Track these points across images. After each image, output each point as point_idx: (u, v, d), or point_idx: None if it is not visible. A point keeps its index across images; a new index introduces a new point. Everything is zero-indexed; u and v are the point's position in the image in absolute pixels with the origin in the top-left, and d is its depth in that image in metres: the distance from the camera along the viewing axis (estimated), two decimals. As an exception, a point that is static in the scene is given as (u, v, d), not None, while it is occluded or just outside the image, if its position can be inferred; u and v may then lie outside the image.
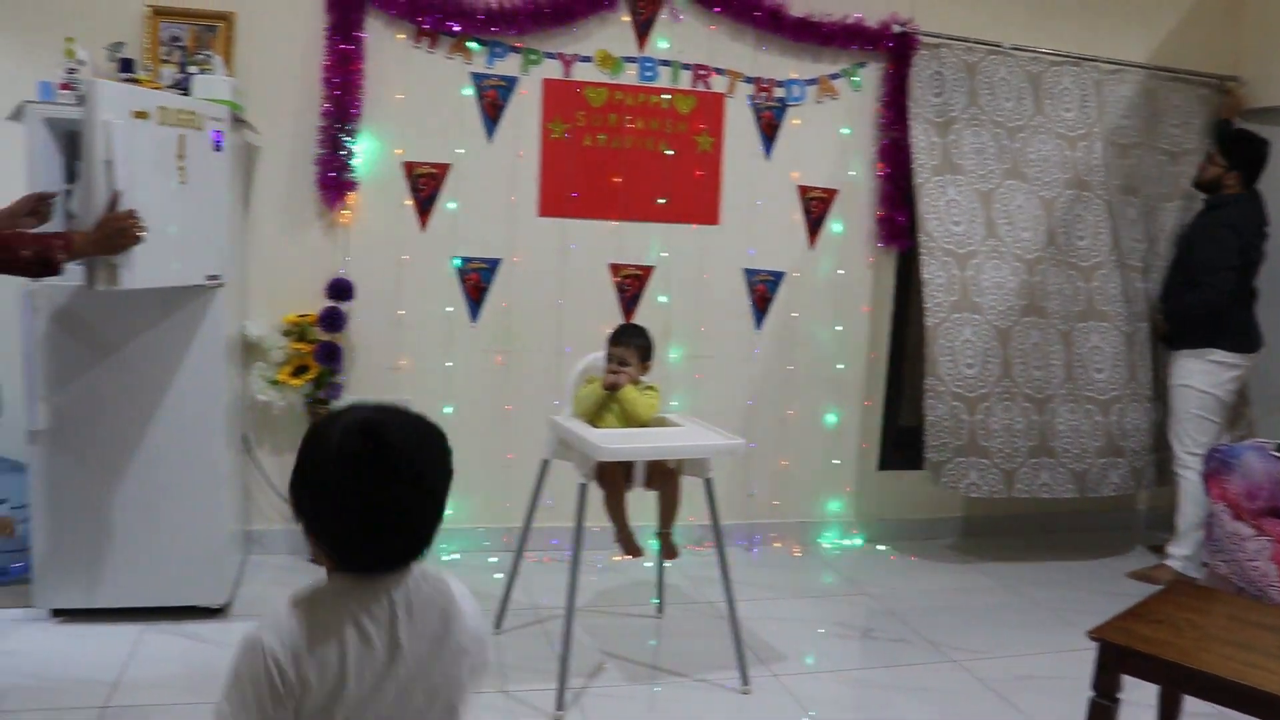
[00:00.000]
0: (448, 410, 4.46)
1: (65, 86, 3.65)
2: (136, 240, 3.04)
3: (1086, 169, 4.87)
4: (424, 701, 1.60)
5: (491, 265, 4.46)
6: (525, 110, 4.42)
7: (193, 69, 3.86)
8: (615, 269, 4.56)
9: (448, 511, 1.71)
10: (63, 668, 3.33)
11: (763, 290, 4.72)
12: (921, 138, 4.66)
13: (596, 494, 3.49)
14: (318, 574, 1.69)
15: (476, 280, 4.46)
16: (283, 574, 4.27)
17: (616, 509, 3.58)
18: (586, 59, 4.44)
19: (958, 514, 5.18)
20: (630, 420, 3.52)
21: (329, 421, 1.60)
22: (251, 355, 4.25)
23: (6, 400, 3.90)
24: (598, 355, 3.71)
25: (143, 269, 3.14)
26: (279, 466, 4.39)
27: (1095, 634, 2.59)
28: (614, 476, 3.51)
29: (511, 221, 4.46)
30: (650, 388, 3.58)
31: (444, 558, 4.48)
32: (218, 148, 3.56)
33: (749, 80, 4.62)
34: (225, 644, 3.53)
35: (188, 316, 3.62)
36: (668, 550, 3.64)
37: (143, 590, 3.72)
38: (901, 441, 5.08)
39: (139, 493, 3.68)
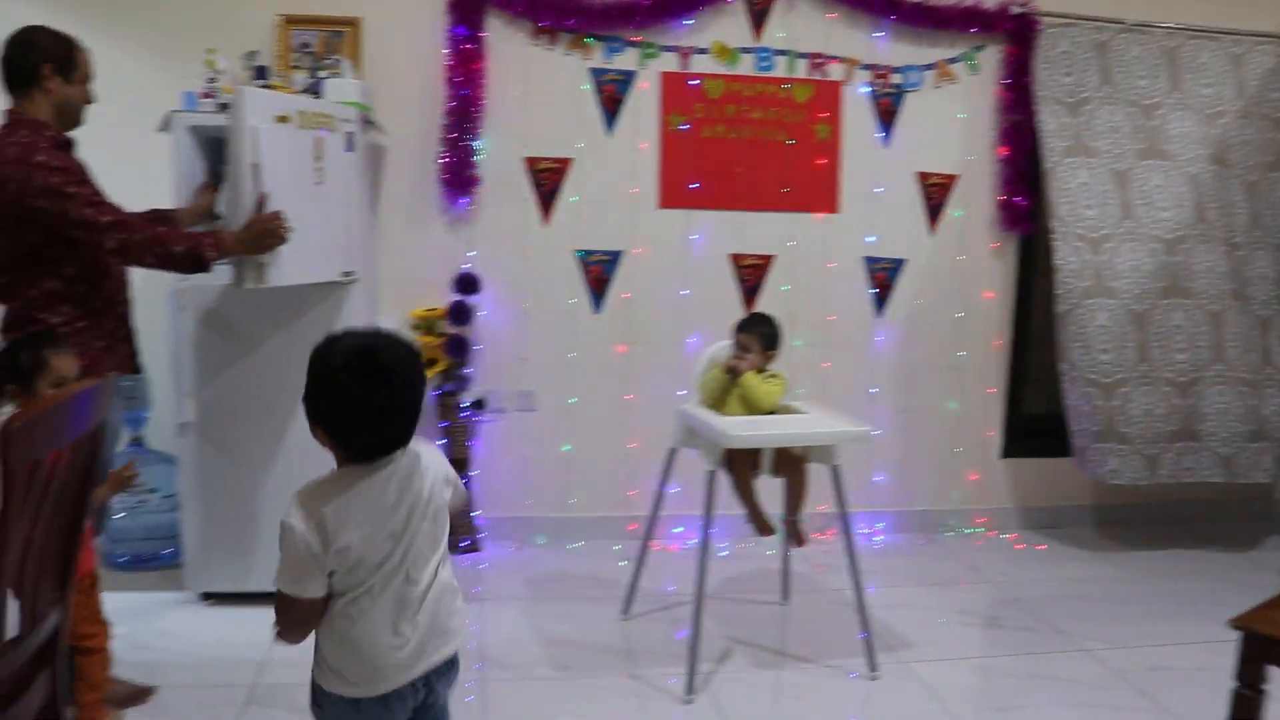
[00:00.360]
0: (572, 401, 4.55)
1: (206, 95, 3.85)
2: (283, 240, 3.18)
3: (1226, 146, 4.71)
4: (428, 529, 2.07)
5: (613, 257, 4.54)
6: (644, 103, 4.48)
7: (322, 73, 4.00)
8: (736, 259, 4.59)
9: (574, 500, 1.86)
10: (213, 648, 3.49)
11: (883, 278, 4.70)
12: (1050, 120, 4.57)
13: (724, 482, 3.52)
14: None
15: (599, 272, 4.54)
16: (415, 561, 4.39)
17: (745, 490, 3.60)
18: (703, 51, 4.47)
19: (1086, 502, 5.08)
20: (752, 408, 3.55)
21: (329, 346, 2.01)
22: (382, 349, 4.39)
23: (156, 395, 4.13)
24: (724, 344, 3.74)
25: (288, 267, 3.28)
26: (410, 457, 4.53)
27: (1238, 623, 2.52)
28: (741, 464, 3.55)
29: (633, 214, 4.52)
30: (774, 376, 3.60)
31: (569, 546, 4.58)
32: (349, 148, 3.70)
33: (866, 67, 4.60)
34: (364, 628, 3.68)
35: (324, 312, 3.75)
36: (795, 537, 3.66)
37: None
38: (1026, 429, 5.01)
39: (280, 482, 3.83)
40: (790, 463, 3.57)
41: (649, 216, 4.53)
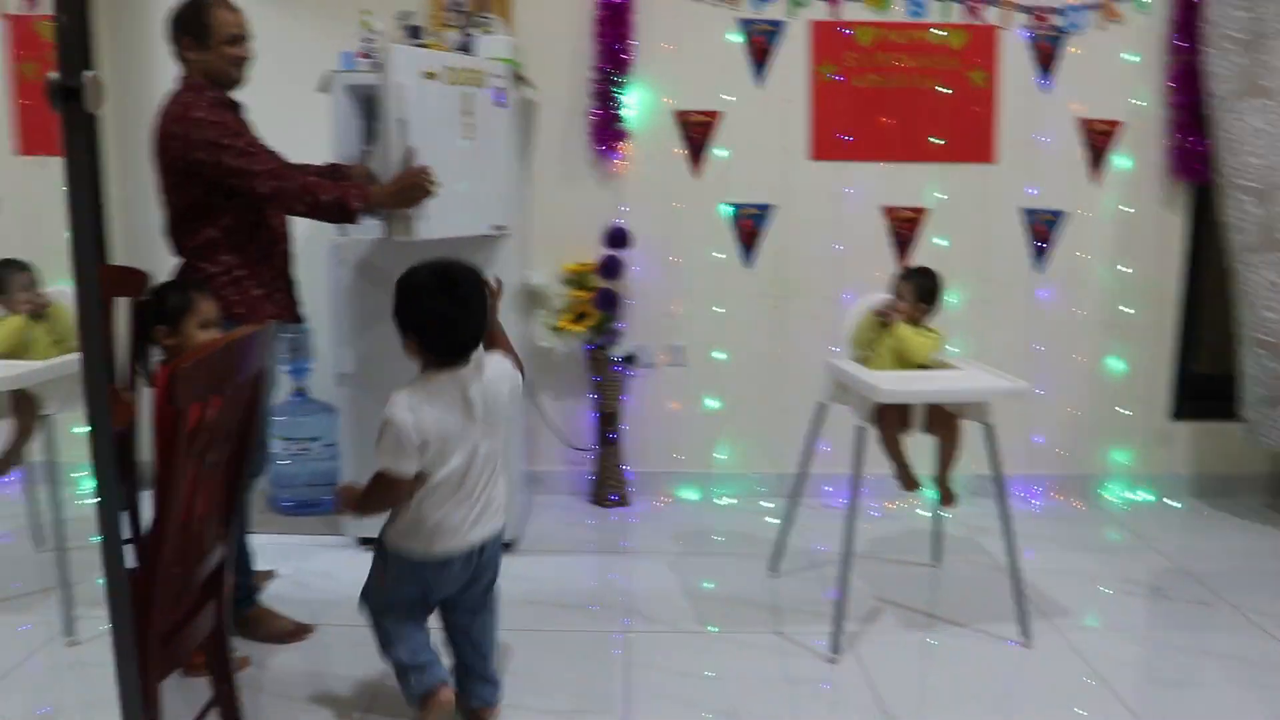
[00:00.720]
0: (720, 356, 4.54)
1: (363, 55, 3.93)
2: (429, 194, 3.24)
3: None
4: (493, 420, 2.56)
5: (764, 211, 4.48)
6: (794, 54, 4.40)
7: (474, 31, 4.03)
8: (890, 212, 4.48)
9: (722, 456, 2.89)
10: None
11: (1043, 230, 4.51)
12: (1220, 60, 4.26)
13: (873, 438, 3.47)
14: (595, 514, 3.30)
15: (749, 226, 4.50)
16: (564, 513, 4.47)
17: (894, 446, 3.55)
18: (855, -2, 4.41)
19: (1262, 470, 4.80)
20: (904, 361, 3.47)
21: (412, 272, 2.53)
22: (534, 303, 4.46)
23: (318, 346, 4.28)
24: (880, 295, 3.67)
25: (436, 220, 3.34)
26: (560, 411, 4.61)
27: None
28: (892, 420, 3.48)
29: (783, 166, 4.46)
30: (929, 330, 3.53)
31: (719, 500, 4.59)
32: (499, 104, 3.73)
33: (1024, 9, 4.40)
34: (515, 577, 3.74)
35: (484, 267, 3.78)
36: (946, 496, 3.58)
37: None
38: (1198, 391, 4.76)
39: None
40: (943, 420, 3.49)
41: (800, 169, 4.46)
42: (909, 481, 3.60)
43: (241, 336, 2.23)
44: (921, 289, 3.51)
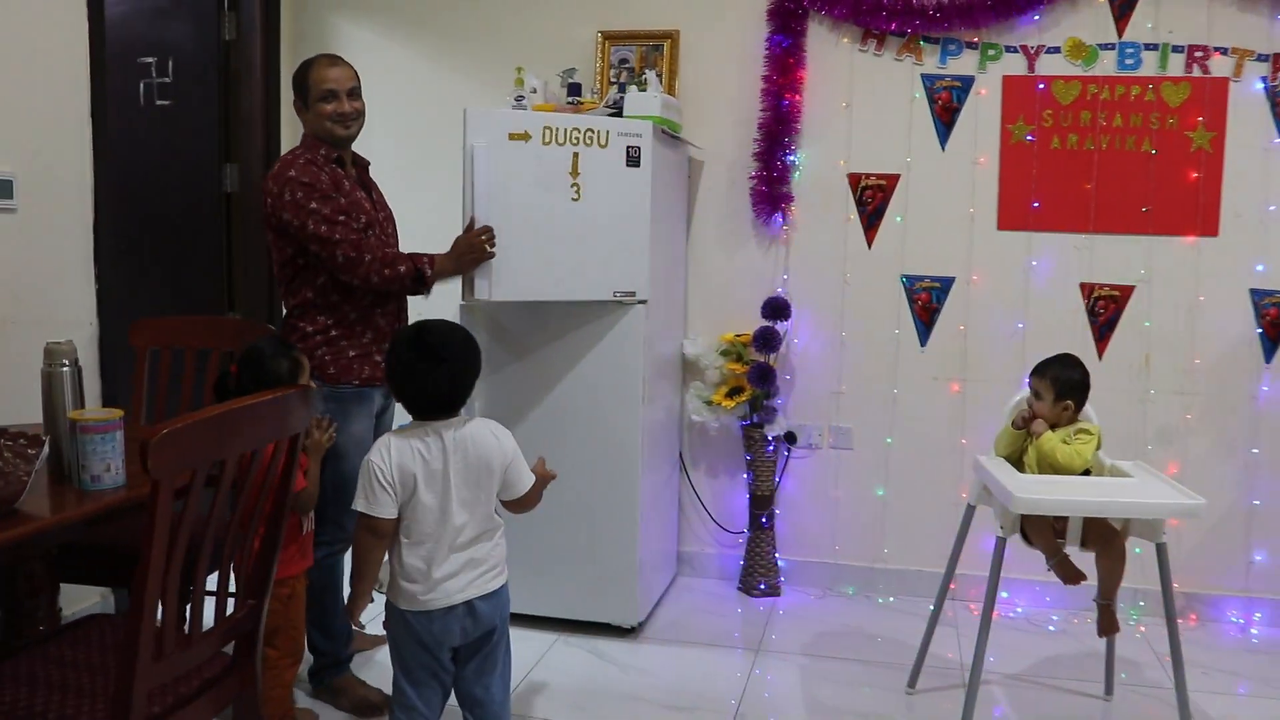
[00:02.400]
0: (889, 440, 4.23)
1: (515, 112, 3.96)
2: (486, 256, 3.35)
3: None
4: (475, 479, 2.55)
5: (944, 284, 4.15)
6: (983, 112, 4.07)
7: (634, 88, 3.98)
8: (1087, 289, 4.04)
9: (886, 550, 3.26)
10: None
11: (1275, 314, 3.94)
12: None
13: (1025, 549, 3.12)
14: (740, 604, 4.03)
15: (927, 300, 4.17)
16: (708, 599, 4.25)
17: (1044, 532, 3.13)
18: (1054, 50, 3.98)
19: None
20: (1047, 465, 3.10)
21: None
22: (690, 374, 4.32)
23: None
24: (1020, 396, 3.31)
25: (506, 283, 3.41)
26: (713, 490, 4.41)
27: None
28: (1042, 532, 3.09)
29: (967, 236, 4.12)
30: (1083, 431, 3.12)
31: (879, 599, 4.23)
32: (633, 164, 3.62)
33: (1262, 58, 3.87)
34: (628, 667, 3.60)
35: (600, 331, 3.70)
36: (1106, 622, 3.13)
37: (558, 600, 3.88)
38: None
39: (557, 501, 3.69)
40: (1103, 535, 3.07)
41: (986, 239, 4.11)
42: (1069, 572, 3.13)
43: (245, 404, 2.19)
44: (1061, 384, 3.13)
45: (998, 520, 3.02)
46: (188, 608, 2.25)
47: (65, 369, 2.75)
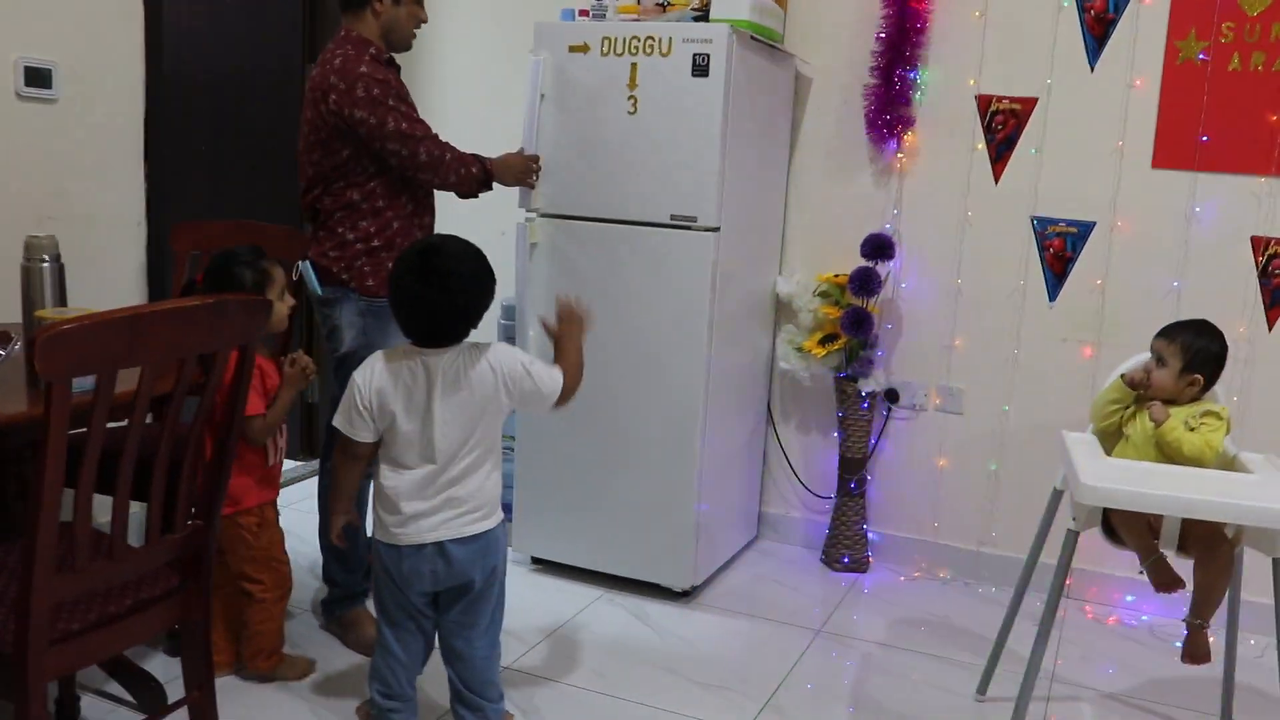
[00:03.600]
0: (1005, 408, 3.69)
1: (584, 13, 3.61)
2: (530, 183, 3.30)
3: None
4: (465, 413, 2.36)
5: (1083, 230, 3.57)
6: (1146, 25, 3.44)
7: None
8: (1261, 244, 3.38)
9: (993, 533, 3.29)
10: (519, 615, 3.28)
11: None
12: None
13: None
14: (819, 577, 3.76)
15: (1060, 248, 3.60)
16: (783, 568, 3.87)
17: (1138, 531, 2.60)
18: (1243, -52, 3.34)
19: None
20: (1170, 457, 2.58)
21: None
22: (784, 316, 3.91)
23: (494, 331, 3.98)
24: (1139, 359, 2.78)
25: (556, 199, 3.32)
26: (803, 447, 4.00)
27: None
28: (1133, 527, 2.58)
29: (1115, 174, 3.52)
30: (1210, 414, 2.57)
31: (978, 587, 3.73)
32: (699, 73, 3.22)
33: None
34: (669, 634, 3.30)
35: (664, 262, 3.36)
36: (1195, 647, 2.56)
37: (607, 554, 3.59)
38: None
39: (613, 449, 3.55)
40: (1207, 541, 2.53)
41: (1138, 178, 3.49)
42: (1164, 578, 2.59)
43: (157, 308, 1.99)
44: (1194, 353, 2.59)
45: (1071, 510, 2.54)
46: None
47: (45, 264, 2.67)
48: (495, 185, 3.20)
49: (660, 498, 3.47)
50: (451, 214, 3.25)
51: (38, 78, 3.23)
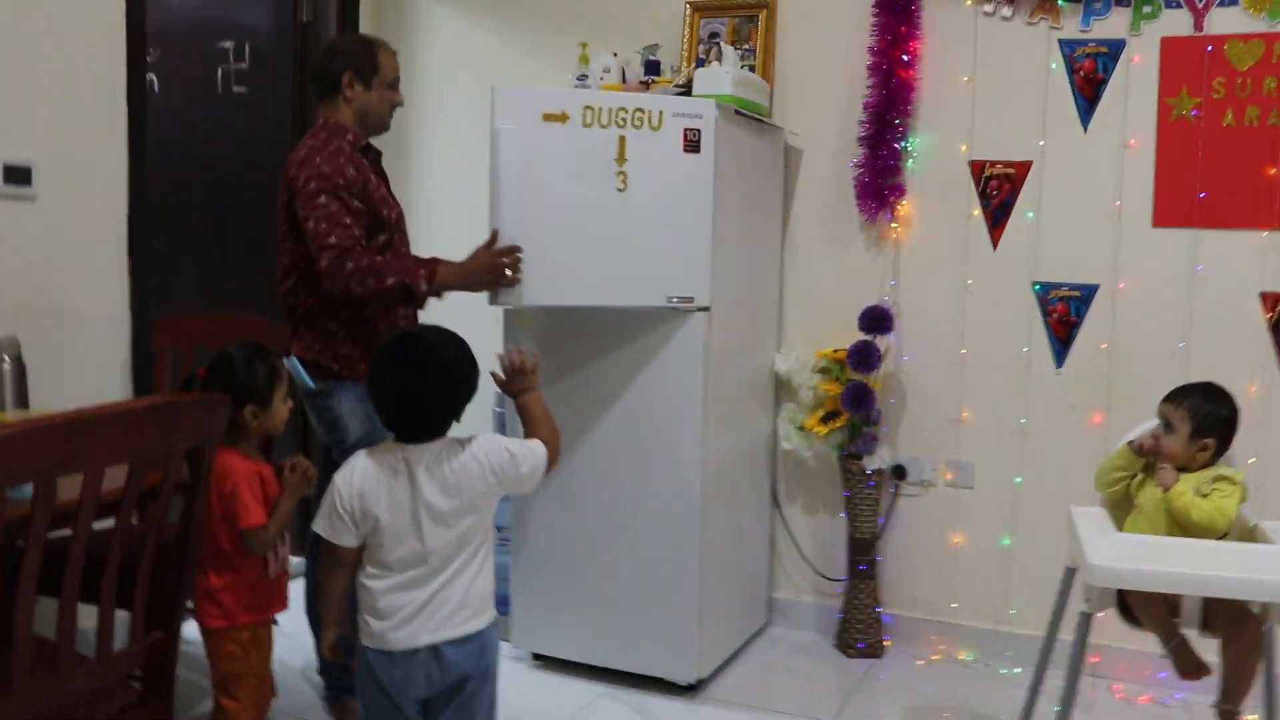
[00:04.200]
0: (1018, 480, 3.57)
1: (576, 93, 3.59)
2: (507, 281, 2.96)
3: None
4: (451, 510, 2.23)
5: (1086, 293, 3.48)
6: (1136, 83, 3.39)
7: (714, 64, 3.51)
8: (1270, 301, 3.28)
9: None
10: (519, 715, 3.13)
11: None
12: None
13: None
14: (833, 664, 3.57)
15: (1064, 312, 3.51)
16: (795, 656, 3.72)
17: (1157, 611, 2.50)
18: (1229, 2, 3.25)
19: None
20: (1183, 528, 2.46)
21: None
22: (784, 394, 3.81)
23: (481, 420, 3.86)
24: (1147, 425, 2.68)
25: (539, 287, 3.01)
26: (811, 529, 3.87)
27: None
28: (1149, 607, 2.46)
29: (1114, 235, 3.43)
30: (1223, 479, 2.46)
31: (1000, 669, 3.57)
32: (691, 149, 3.16)
33: None
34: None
35: (659, 345, 3.26)
36: (1226, 734, 2.45)
37: (607, 648, 3.45)
38: None
39: (610, 537, 3.43)
40: (1233, 618, 2.40)
41: (1138, 238, 3.42)
42: (1186, 662, 2.50)
43: (100, 411, 1.94)
44: (1203, 417, 2.49)
45: (1081, 591, 2.42)
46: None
47: (4, 365, 2.67)
48: (455, 294, 3.02)
49: (661, 586, 3.35)
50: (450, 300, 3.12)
51: (18, 175, 3.20)
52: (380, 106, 3.06)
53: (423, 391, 2.24)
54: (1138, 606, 2.46)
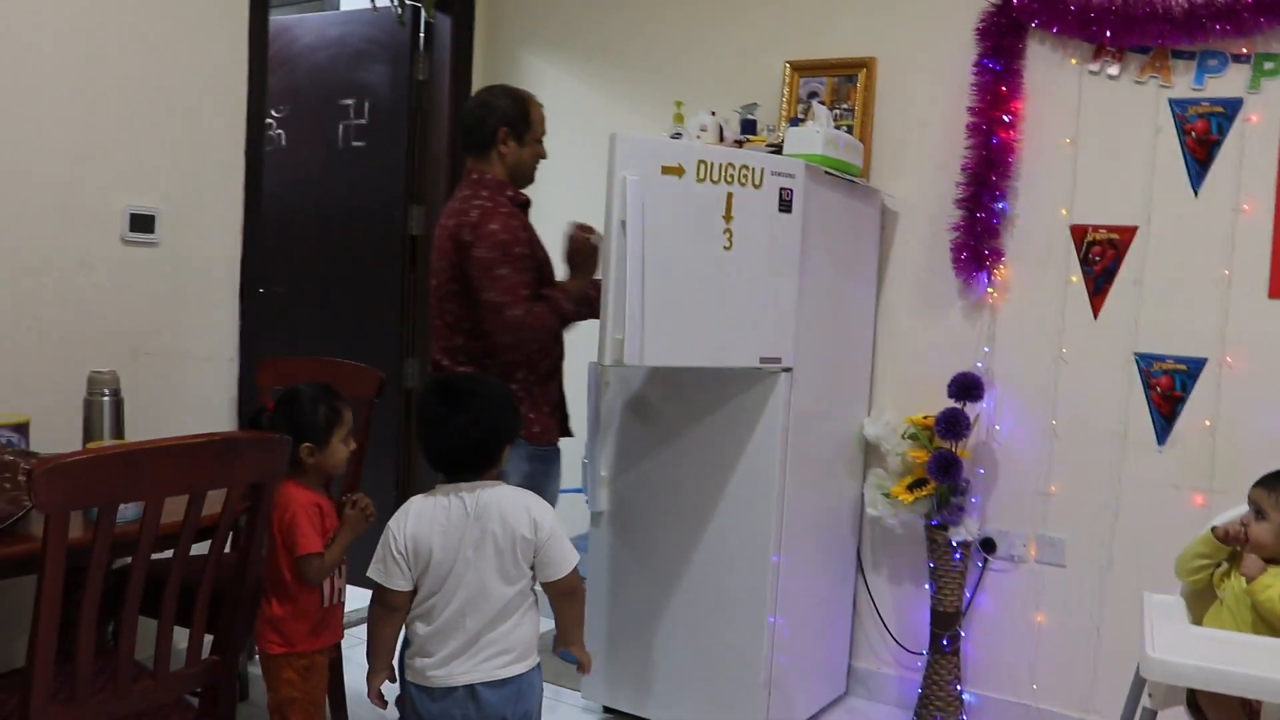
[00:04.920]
0: (1110, 561, 3.34)
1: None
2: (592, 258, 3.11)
3: None
4: (498, 550, 2.31)
5: (1192, 367, 3.27)
6: (1252, 145, 3.19)
7: (808, 124, 3.43)
8: (1397, 382, 3.05)
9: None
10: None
11: None
12: None
13: None
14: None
15: (1168, 386, 3.30)
16: (871, 731, 3.59)
17: (1228, 709, 2.27)
18: (1356, 60, 3.06)
19: None
20: (1267, 621, 2.25)
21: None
22: (873, 459, 3.68)
23: (569, 477, 3.74)
24: (1234, 512, 2.48)
25: (655, 345, 2.88)
26: (894, 598, 3.72)
27: None
28: (1224, 708, 2.25)
29: (1224, 305, 3.23)
30: (1314, 574, 2.26)
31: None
32: (784, 208, 3.10)
33: None
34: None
35: (739, 406, 3.21)
36: None
37: (679, 708, 3.37)
38: None
39: (684, 596, 3.36)
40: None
41: (1251, 310, 3.20)
42: None
43: (157, 445, 2.03)
44: (1297, 506, 2.27)
45: (1148, 690, 2.23)
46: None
47: (105, 399, 2.78)
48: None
49: (731, 649, 3.26)
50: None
51: (142, 223, 3.37)
52: (531, 161, 3.14)
53: (462, 424, 2.35)
54: (1209, 708, 2.27)
